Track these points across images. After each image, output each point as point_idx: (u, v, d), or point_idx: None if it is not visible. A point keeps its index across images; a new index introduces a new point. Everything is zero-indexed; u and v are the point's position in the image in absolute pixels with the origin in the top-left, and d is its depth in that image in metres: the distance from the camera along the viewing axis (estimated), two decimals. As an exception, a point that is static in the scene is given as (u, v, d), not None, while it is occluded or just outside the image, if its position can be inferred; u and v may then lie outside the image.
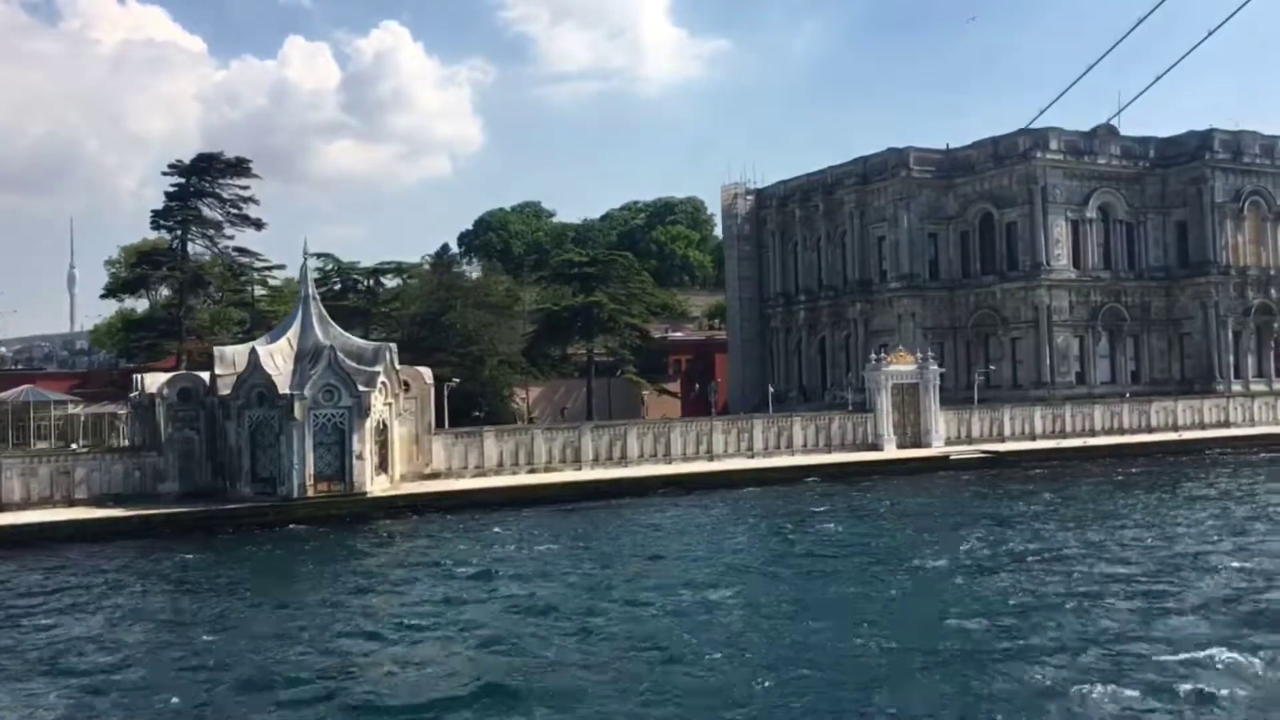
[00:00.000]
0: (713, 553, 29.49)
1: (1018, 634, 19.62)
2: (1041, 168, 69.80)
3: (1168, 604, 21.75)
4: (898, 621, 20.89)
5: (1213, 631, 19.35)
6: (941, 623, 20.53)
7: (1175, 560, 26.59)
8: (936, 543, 29.91)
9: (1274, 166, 74.93)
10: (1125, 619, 20.56)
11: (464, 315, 62.42)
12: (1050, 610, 21.34)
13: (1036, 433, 58.20)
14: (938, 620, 20.70)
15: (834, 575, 25.99)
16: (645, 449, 48.11)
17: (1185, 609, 21.22)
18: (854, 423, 53.71)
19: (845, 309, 78.79)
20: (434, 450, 42.99)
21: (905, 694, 16.51)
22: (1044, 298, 69.48)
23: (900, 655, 18.46)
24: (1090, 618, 20.63)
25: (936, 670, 17.57)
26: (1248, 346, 72.95)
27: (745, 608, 22.53)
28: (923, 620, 20.83)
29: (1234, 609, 21.18)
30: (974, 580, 24.70)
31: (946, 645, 18.97)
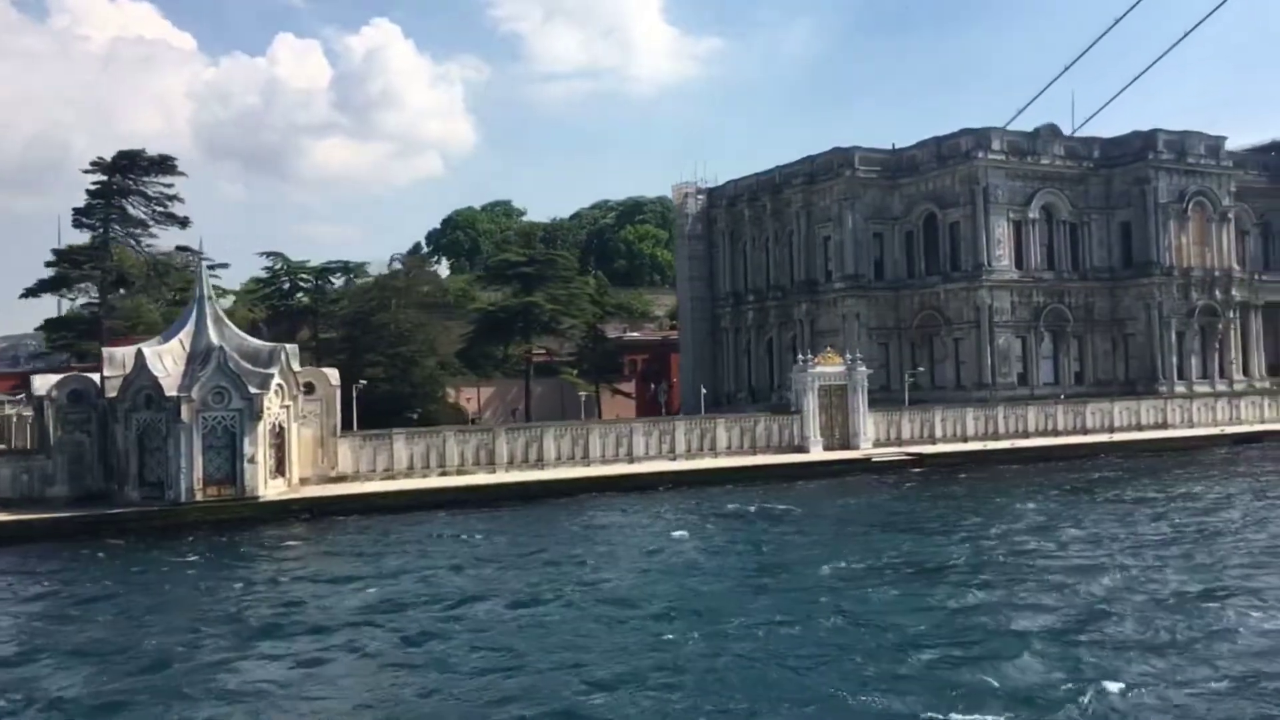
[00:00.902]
0: (603, 561, 28.93)
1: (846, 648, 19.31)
2: (983, 168, 69.59)
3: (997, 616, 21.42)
4: (749, 633, 20.46)
5: (1044, 644, 19.06)
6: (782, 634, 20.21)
7: (1034, 568, 26.27)
8: (820, 551, 29.48)
9: (1219, 167, 74.88)
10: (957, 628, 20.25)
11: (395, 315, 61.77)
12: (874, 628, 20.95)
13: (968, 434, 57.90)
14: (793, 633, 20.38)
15: (702, 582, 25.56)
16: (563, 451, 47.62)
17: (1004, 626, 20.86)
18: (780, 425, 53.31)
19: (792, 309, 78.48)
20: (340, 453, 42.43)
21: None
22: (985, 298, 69.26)
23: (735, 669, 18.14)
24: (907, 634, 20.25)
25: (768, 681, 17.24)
26: (1191, 348, 72.84)
27: (599, 619, 22.06)
28: (773, 633, 20.44)
29: (1066, 617, 20.85)
30: (844, 591, 24.27)
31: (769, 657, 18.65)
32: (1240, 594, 22.68)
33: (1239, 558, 27.07)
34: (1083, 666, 17.59)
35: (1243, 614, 20.89)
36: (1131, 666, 17.56)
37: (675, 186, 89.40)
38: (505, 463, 46.15)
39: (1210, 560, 26.78)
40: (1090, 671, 17.27)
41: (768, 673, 17.85)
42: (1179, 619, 20.45)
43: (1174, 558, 27.18)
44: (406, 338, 60.62)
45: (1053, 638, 19.44)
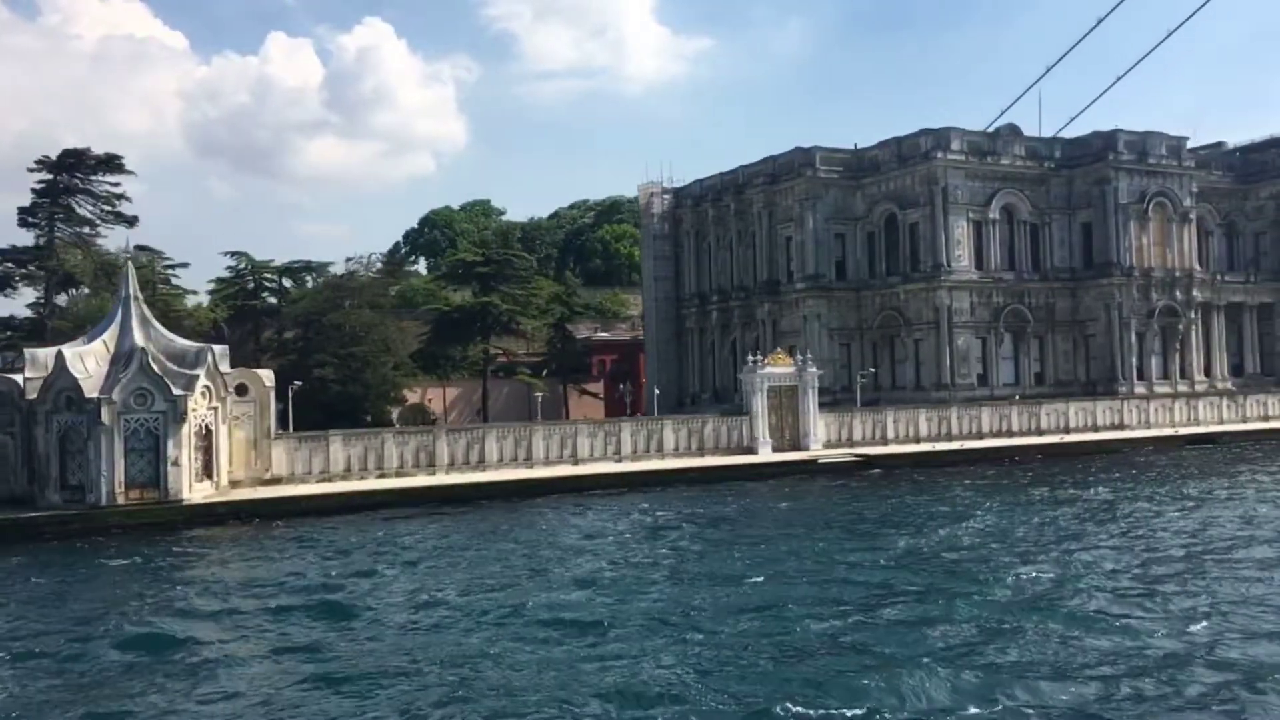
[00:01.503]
0: (528, 566, 28.55)
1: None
2: (942, 168, 69.42)
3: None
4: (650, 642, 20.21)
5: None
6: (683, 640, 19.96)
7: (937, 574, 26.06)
8: (742, 557, 29.17)
9: (1180, 168, 74.84)
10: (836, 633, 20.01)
11: (346, 316, 61.34)
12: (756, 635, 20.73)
13: (921, 435, 57.76)
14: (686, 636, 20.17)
15: (610, 589, 25.23)
16: (505, 453, 47.35)
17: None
18: (729, 426, 53.07)
19: (754, 310, 78.26)
20: (275, 455, 42.07)
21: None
22: (944, 299, 69.10)
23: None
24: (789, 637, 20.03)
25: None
26: (1152, 348, 72.80)
27: (493, 625, 21.76)
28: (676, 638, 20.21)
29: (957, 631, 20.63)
30: (749, 595, 24.04)
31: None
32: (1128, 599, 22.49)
33: (1143, 562, 26.90)
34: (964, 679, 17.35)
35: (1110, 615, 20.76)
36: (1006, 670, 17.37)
37: (641, 186, 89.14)
38: (446, 465, 45.84)
39: (1114, 566, 26.59)
40: (972, 685, 17.04)
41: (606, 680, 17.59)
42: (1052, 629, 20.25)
43: (1083, 561, 27.01)
44: (359, 338, 60.13)
45: (925, 644, 19.23)
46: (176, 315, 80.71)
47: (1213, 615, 20.83)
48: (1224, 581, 24.08)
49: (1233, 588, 23.38)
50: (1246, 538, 30.04)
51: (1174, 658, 18.05)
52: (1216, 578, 24.54)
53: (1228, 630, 19.72)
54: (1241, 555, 27.40)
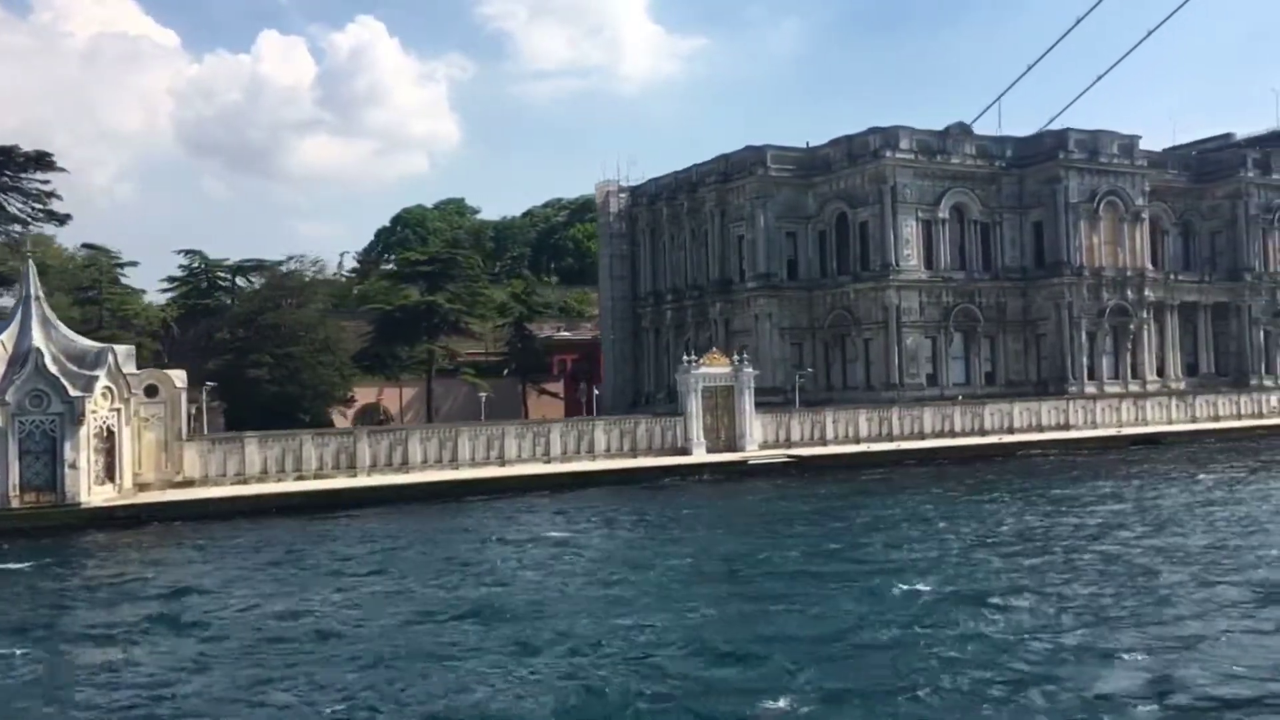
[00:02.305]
0: (403, 574, 27.98)
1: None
2: (891, 167, 69.04)
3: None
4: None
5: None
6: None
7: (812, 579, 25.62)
8: (620, 564, 28.75)
9: (1132, 167, 74.58)
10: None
11: (283, 316, 60.69)
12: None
13: (861, 436, 57.34)
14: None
15: (502, 594, 24.72)
16: (429, 455, 46.79)
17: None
18: (662, 427, 52.59)
19: (707, 309, 77.84)
20: (187, 457, 41.45)
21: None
22: (893, 298, 68.73)
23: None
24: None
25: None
26: (1103, 348, 72.54)
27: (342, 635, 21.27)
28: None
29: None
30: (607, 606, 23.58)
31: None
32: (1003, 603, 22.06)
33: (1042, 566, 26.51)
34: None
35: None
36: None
37: (598, 185, 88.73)
38: (367, 466, 45.26)
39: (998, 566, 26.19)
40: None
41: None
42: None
43: (984, 565, 26.62)
44: (297, 338, 59.45)
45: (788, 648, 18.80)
46: (124, 315, 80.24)
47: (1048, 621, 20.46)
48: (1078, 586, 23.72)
49: (1087, 592, 23.01)
50: (1121, 542, 29.71)
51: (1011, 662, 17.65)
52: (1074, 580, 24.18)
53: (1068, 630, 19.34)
54: (1113, 562, 27.03)
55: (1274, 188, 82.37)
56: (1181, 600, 22.19)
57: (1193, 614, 20.97)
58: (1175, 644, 18.76)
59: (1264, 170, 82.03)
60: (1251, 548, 28.14)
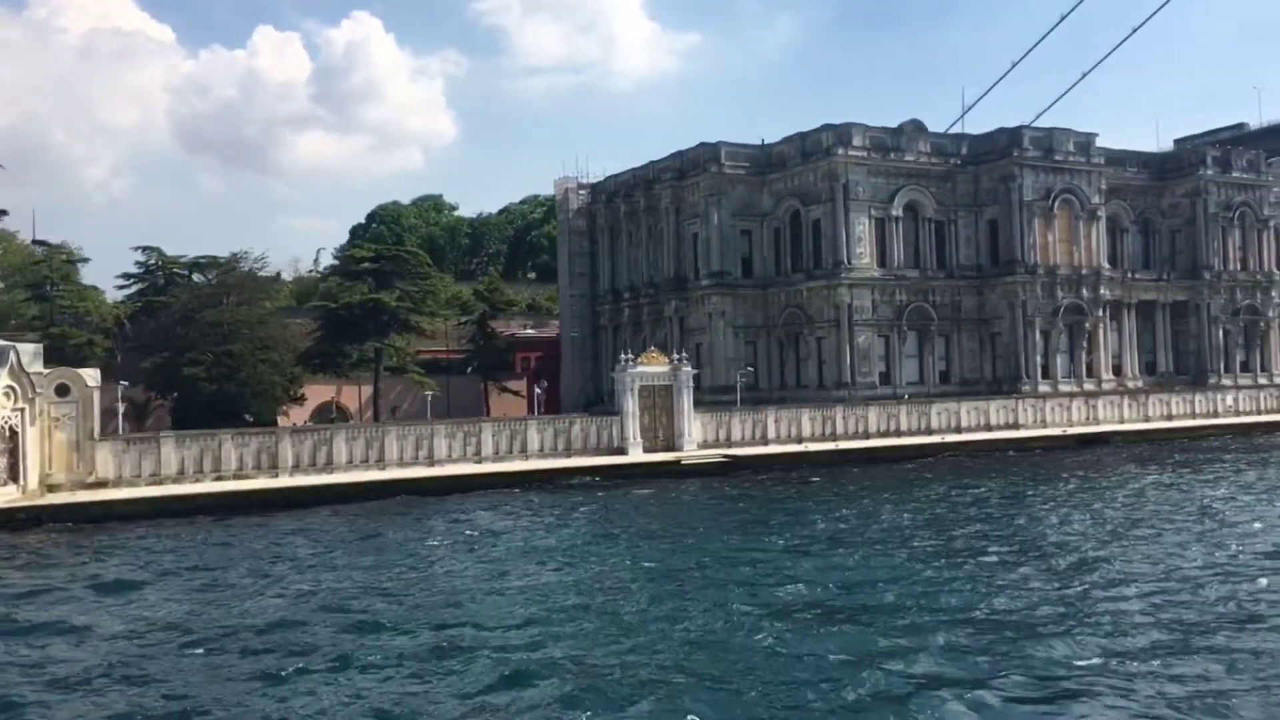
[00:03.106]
0: (272, 582, 27.44)
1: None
2: (843, 164, 68.55)
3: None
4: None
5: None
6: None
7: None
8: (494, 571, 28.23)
9: (1089, 164, 74.16)
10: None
11: (221, 314, 60.06)
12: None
13: (804, 435, 56.85)
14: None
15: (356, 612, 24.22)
16: (355, 455, 46.25)
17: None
18: (598, 426, 52.11)
19: (663, 307, 77.37)
20: (100, 458, 40.87)
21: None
22: (845, 296, 68.29)
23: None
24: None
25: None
26: (1057, 346, 72.17)
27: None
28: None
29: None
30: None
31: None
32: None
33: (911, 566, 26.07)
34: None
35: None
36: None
37: (557, 182, 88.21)
38: (290, 467, 44.70)
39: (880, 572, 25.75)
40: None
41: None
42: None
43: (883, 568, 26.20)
44: (237, 336, 58.78)
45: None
46: (75, 311, 79.59)
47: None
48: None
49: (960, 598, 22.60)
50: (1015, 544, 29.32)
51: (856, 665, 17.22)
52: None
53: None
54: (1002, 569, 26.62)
55: (1234, 186, 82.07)
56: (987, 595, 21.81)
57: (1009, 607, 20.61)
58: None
59: (1224, 168, 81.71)
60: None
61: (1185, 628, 19.78)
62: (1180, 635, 19.27)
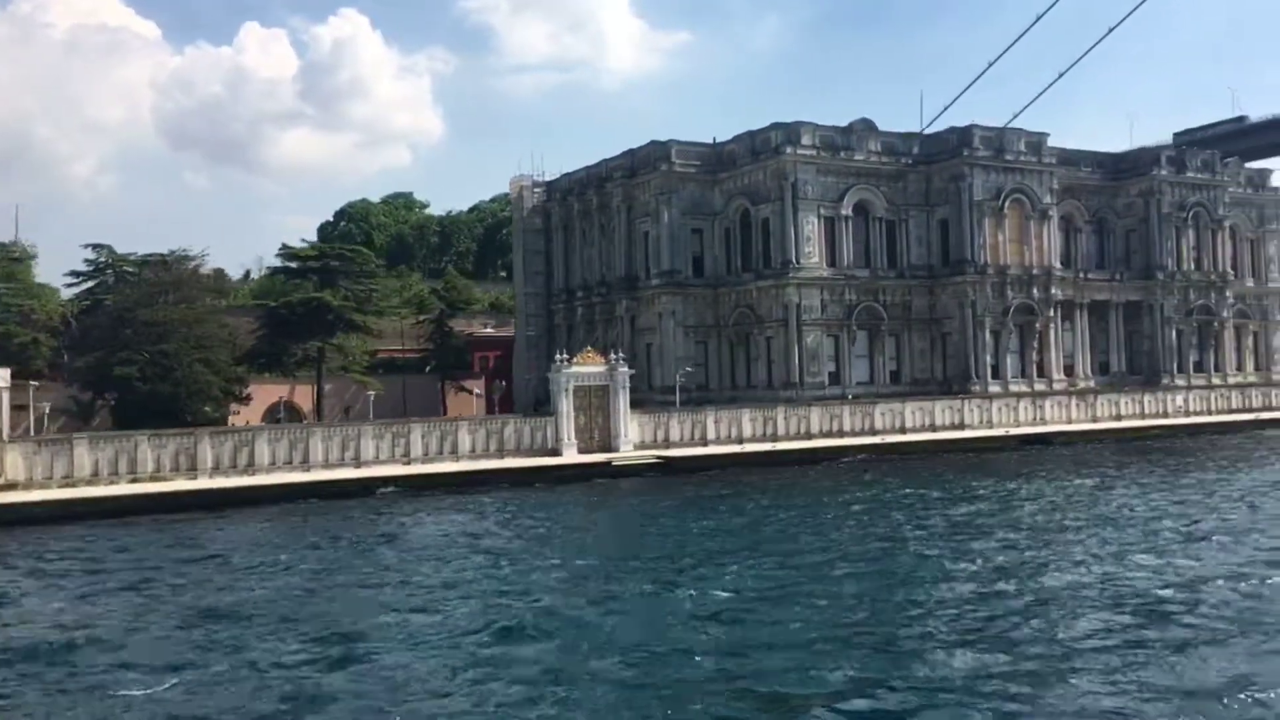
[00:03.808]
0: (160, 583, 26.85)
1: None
2: (792, 163, 68.14)
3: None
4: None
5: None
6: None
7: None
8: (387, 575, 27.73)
9: (1040, 164, 73.96)
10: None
11: (155, 312, 59.17)
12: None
13: (744, 436, 56.39)
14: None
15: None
16: (279, 456, 45.60)
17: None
18: (532, 427, 51.57)
19: (615, 306, 76.87)
20: (9, 460, 40.13)
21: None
22: (793, 296, 67.89)
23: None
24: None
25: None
26: (1008, 346, 71.95)
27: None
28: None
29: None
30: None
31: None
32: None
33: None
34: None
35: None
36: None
37: (512, 180, 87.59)
38: (210, 469, 44.01)
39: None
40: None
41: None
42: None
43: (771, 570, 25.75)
44: (172, 334, 57.89)
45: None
46: (22, 310, 78.49)
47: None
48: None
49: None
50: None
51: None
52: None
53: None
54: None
55: (1188, 186, 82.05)
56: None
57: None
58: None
59: (1178, 168, 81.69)
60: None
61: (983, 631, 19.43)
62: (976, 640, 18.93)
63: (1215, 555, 26.75)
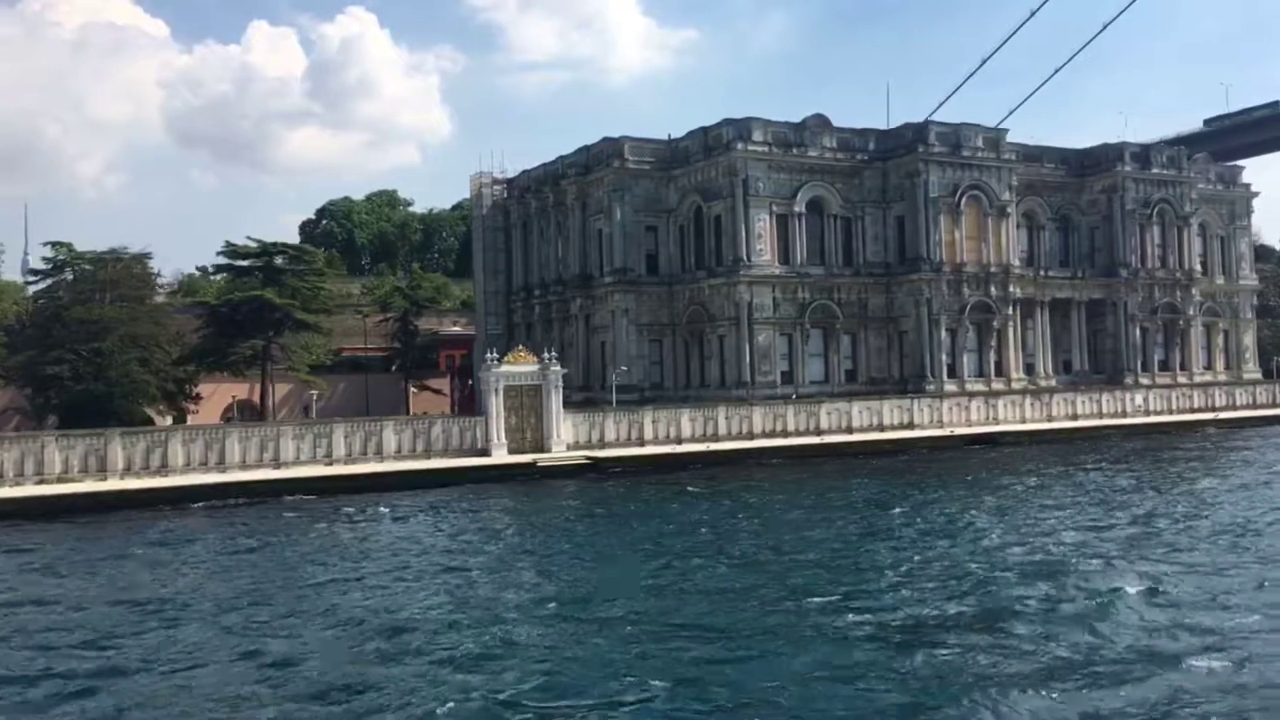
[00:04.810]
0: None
1: None
2: (743, 159, 67.31)
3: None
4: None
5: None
6: None
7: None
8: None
9: (999, 161, 73.00)
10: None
11: (89, 311, 58.55)
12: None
13: (683, 436, 55.61)
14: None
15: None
16: (194, 457, 44.91)
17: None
18: (461, 427, 50.86)
19: (570, 304, 76.15)
20: (-91, 461, 39.50)
21: None
22: (744, 294, 67.09)
23: None
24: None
25: None
26: (964, 345, 71.02)
27: None
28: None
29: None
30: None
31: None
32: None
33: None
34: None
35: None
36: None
37: (472, 177, 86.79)
38: (120, 470, 43.34)
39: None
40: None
41: None
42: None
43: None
44: (105, 332, 57.24)
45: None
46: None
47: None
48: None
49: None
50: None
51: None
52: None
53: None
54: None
55: (1153, 182, 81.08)
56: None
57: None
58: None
59: (1143, 164, 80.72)
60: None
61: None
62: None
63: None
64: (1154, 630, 18.94)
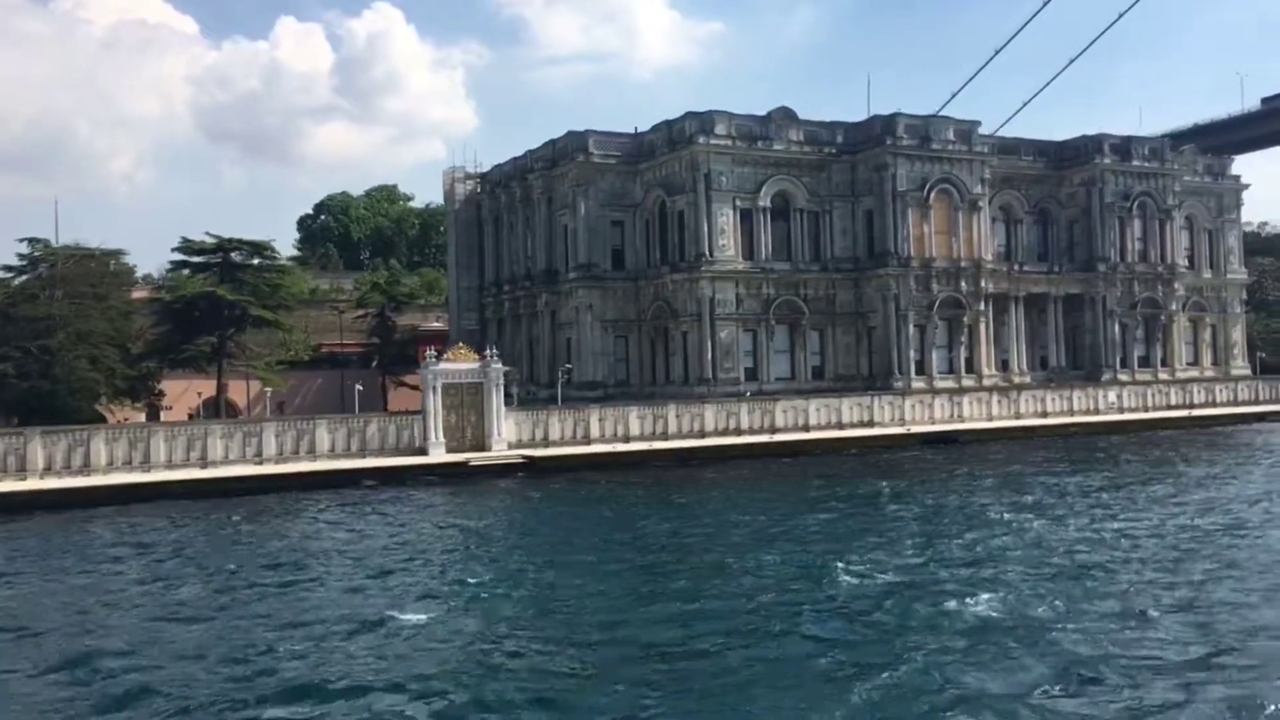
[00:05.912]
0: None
1: None
2: (705, 153, 66.26)
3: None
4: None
5: None
6: None
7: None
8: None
9: (970, 153, 71.59)
10: None
11: (38, 308, 58.17)
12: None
13: (631, 435, 54.65)
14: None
15: None
16: (118, 456, 44.36)
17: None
18: (397, 425, 50.14)
19: (536, 300, 75.37)
20: None
21: None
22: (706, 290, 66.08)
23: None
24: None
25: None
26: (933, 341, 69.77)
27: None
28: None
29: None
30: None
31: None
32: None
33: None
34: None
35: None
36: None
37: (445, 172, 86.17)
38: (41, 469, 42.86)
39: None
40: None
41: None
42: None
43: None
44: (54, 330, 56.86)
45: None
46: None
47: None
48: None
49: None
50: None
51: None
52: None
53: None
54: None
55: (1134, 175, 79.42)
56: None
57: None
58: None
59: (1123, 156, 79.07)
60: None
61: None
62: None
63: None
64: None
